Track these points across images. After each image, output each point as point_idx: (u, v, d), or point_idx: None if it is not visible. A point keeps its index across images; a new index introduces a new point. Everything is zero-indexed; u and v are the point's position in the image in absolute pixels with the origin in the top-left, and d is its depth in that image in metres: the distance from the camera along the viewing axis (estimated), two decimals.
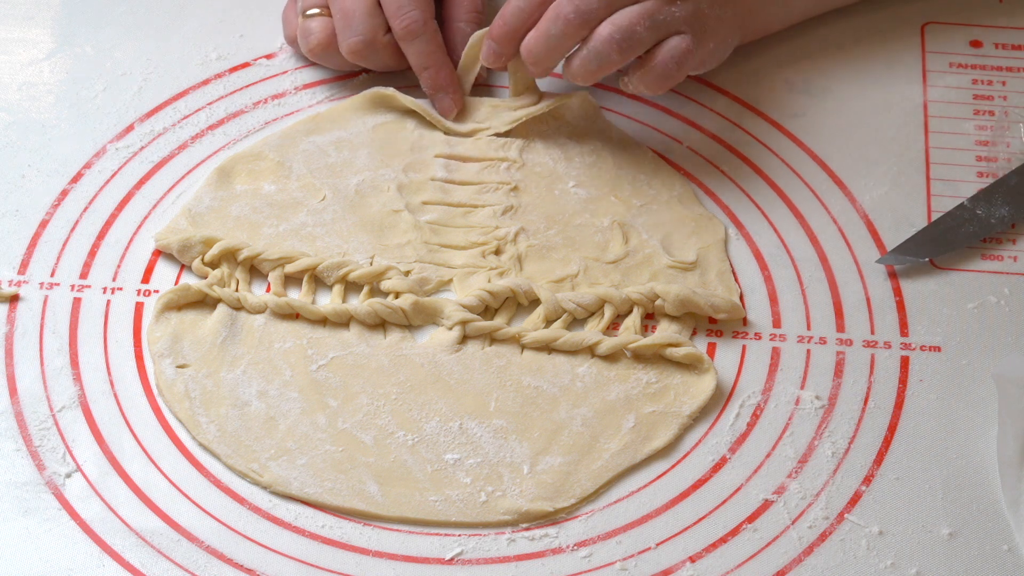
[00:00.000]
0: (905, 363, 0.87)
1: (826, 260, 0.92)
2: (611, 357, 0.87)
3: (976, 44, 1.02)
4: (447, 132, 0.96)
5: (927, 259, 0.91)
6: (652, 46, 0.90)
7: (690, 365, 0.86)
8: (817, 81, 1.00)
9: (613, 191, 0.94)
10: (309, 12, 0.96)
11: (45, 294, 0.89)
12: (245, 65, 1.01)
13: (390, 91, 0.96)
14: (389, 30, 0.94)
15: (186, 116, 0.98)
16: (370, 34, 0.94)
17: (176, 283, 0.90)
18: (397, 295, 0.89)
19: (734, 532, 0.81)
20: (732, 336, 0.88)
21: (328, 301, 0.89)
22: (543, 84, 0.98)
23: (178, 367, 0.86)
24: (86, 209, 0.93)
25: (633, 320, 0.88)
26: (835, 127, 0.97)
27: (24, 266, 0.90)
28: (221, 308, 0.88)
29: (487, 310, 0.89)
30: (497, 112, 0.97)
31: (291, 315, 0.88)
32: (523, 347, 0.87)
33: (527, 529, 0.81)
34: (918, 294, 0.90)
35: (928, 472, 0.83)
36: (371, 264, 0.90)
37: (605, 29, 0.89)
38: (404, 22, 0.93)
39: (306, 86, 1.00)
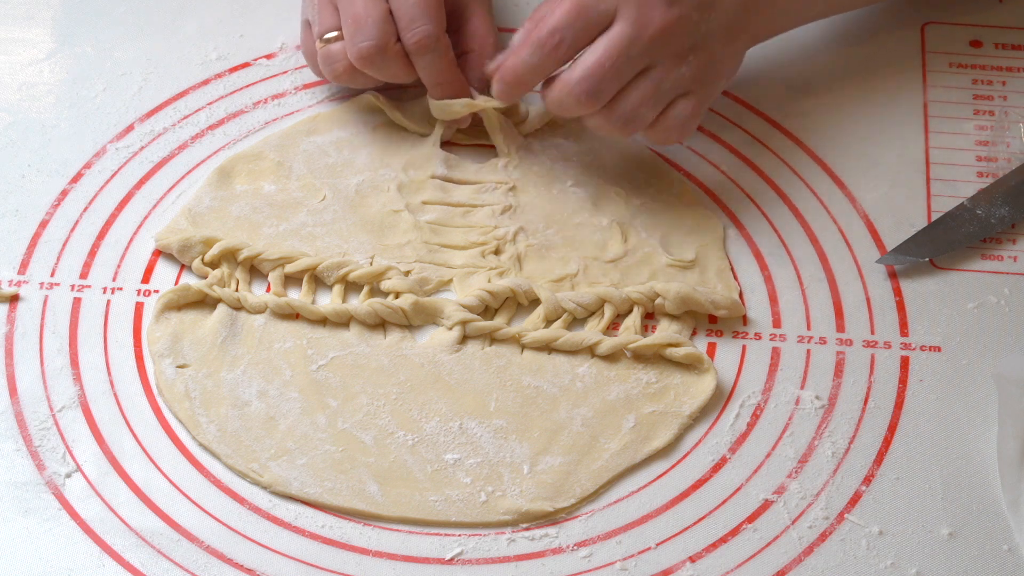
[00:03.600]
0: (905, 363, 0.87)
1: (826, 260, 0.92)
2: (611, 357, 0.87)
3: (976, 44, 1.02)
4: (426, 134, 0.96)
5: (927, 259, 0.91)
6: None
7: (690, 365, 0.86)
8: (817, 81, 0.99)
9: (611, 190, 0.94)
10: (327, 36, 0.91)
11: (45, 294, 0.89)
12: (245, 65, 1.01)
13: (379, 100, 0.96)
14: (400, 40, 0.90)
15: (186, 116, 0.98)
16: (382, 39, 0.89)
17: (176, 283, 0.90)
18: (397, 295, 0.89)
19: (734, 532, 0.81)
20: (732, 336, 0.88)
21: (328, 301, 0.89)
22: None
23: (178, 367, 0.86)
24: (86, 209, 0.93)
25: (633, 320, 0.88)
26: (835, 127, 0.97)
27: (24, 266, 0.90)
28: (221, 308, 0.88)
29: (487, 310, 0.89)
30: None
31: (291, 315, 0.88)
32: (523, 347, 0.87)
33: (527, 529, 0.81)
34: (918, 294, 0.90)
35: (928, 472, 0.83)
36: (371, 264, 0.90)
37: (613, 111, 0.87)
38: (416, 36, 0.89)
39: (306, 86, 1.00)
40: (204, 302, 0.89)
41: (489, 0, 0.96)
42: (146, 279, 0.90)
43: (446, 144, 0.96)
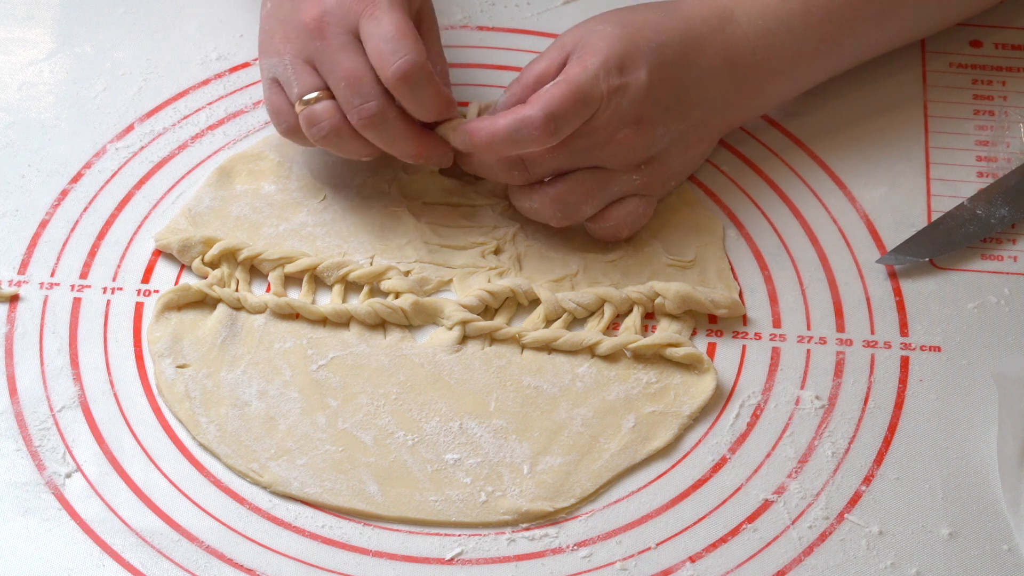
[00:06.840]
0: (905, 363, 0.87)
1: (826, 260, 0.92)
2: (611, 357, 0.87)
3: (976, 44, 1.02)
4: None
5: (927, 259, 0.91)
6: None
7: (690, 365, 0.86)
8: None
9: None
10: (308, 97, 0.86)
11: (45, 294, 0.89)
12: (245, 65, 1.01)
13: None
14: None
15: (186, 116, 0.98)
16: (383, 99, 0.84)
17: (176, 283, 0.90)
18: (397, 295, 0.89)
19: (734, 532, 0.81)
20: (732, 336, 0.88)
21: (328, 301, 0.89)
22: None
23: (178, 367, 0.86)
24: (86, 209, 0.93)
25: (633, 320, 0.88)
26: (835, 127, 0.97)
27: (24, 266, 0.90)
28: (221, 308, 0.88)
29: (487, 310, 0.89)
30: None
31: (291, 315, 0.88)
32: (523, 347, 0.87)
33: (527, 529, 0.81)
34: (918, 294, 0.90)
35: (928, 472, 0.83)
36: (371, 264, 0.90)
37: (549, 194, 0.88)
38: (401, 65, 0.82)
39: None
40: (204, 302, 0.89)
41: (435, 22, 0.92)
42: (146, 279, 0.90)
43: None
